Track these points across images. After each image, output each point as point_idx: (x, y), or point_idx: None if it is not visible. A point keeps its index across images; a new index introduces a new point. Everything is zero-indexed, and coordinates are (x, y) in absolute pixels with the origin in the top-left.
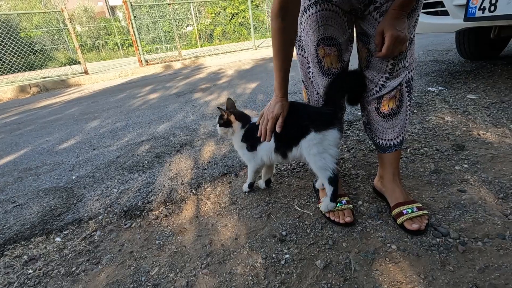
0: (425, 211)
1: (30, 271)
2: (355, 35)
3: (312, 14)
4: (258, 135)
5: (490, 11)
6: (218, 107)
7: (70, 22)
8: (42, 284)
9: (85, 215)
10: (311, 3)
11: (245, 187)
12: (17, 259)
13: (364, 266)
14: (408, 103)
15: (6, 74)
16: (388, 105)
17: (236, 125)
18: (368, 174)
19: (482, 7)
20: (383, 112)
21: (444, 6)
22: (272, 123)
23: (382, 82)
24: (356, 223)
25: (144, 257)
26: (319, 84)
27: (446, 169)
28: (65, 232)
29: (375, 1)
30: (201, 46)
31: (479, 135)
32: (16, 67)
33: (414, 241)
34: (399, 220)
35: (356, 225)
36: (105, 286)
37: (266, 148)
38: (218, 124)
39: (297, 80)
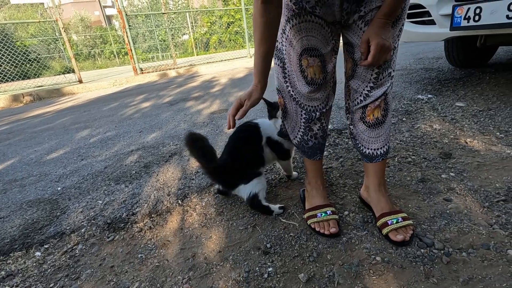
0: (410, 222)
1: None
2: (341, 45)
3: (295, 24)
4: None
5: (474, 20)
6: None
7: (64, 31)
8: None
9: (68, 228)
10: (294, 13)
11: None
12: None
13: (348, 279)
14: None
15: (0, 83)
16: (373, 114)
17: None
18: (356, 183)
19: (467, 16)
20: (368, 122)
21: (430, 16)
22: (234, 108)
23: (367, 92)
24: (341, 234)
25: (125, 272)
26: (301, 93)
27: (433, 177)
28: (46, 246)
29: (359, 10)
30: (197, 55)
31: (466, 143)
32: (10, 75)
33: (399, 252)
34: (384, 231)
35: (341, 236)
36: None
37: None
38: None
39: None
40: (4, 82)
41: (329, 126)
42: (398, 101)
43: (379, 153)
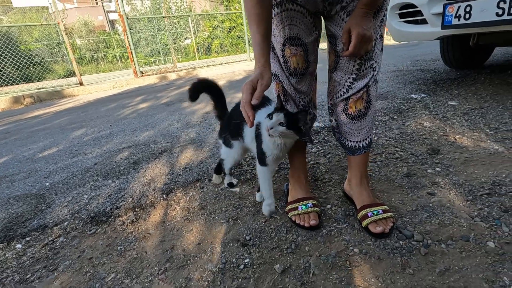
0: (390, 214)
1: None
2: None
3: (278, 14)
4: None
5: (465, 18)
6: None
7: (66, 34)
8: None
9: (51, 221)
10: (276, 3)
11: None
12: None
13: (324, 270)
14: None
15: (3, 86)
16: (356, 106)
17: None
18: (341, 179)
19: (457, 15)
20: (351, 114)
21: (423, 15)
22: (248, 93)
23: (349, 83)
24: (321, 226)
25: (102, 264)
26: (288, 84)
27: (418, 172)
28: (28, 239)
29: (341, 1)
30: (199, 59)
31: (455, 139)
32: (12, 78)
33: (377, 244)
34: (364, 223)
35: (321, 229)
36: None
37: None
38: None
39: None
40: (6, 86)
41: (320, 124)
42: (391, 100)
43: (361, 145)
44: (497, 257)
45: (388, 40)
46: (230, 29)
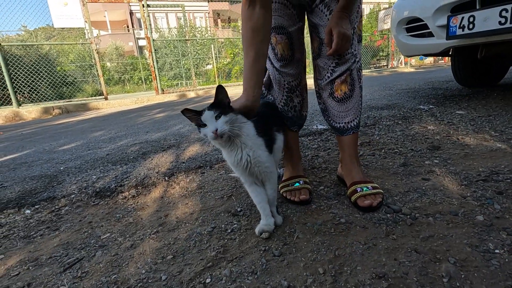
0: (379, 190)
1: None
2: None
3: None
4: None
5: (469, 28)
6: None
7: (97, 52)
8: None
9: (60, 194)
10: None
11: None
12: None
13: (308, 234)
14: (360, 85)
15: (39, 102)
16: (341, 90)
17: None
18: (337, 167)
19: (461, 25)
20: (337, 97)
21: (428, 28)
22: None
23: (332, 68)
24: (312, 203)
25: (100, 226)
26: (274, 67)
27: (415, 163)
28: (37, 207)
29: None
30: (219, 83)
31: (458, 139)
32: (47, 96)
33: (365, 217)
34: (353, 198)
35: (311, 204)
36: (55, 246)
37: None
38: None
39: None
40: (42, 102)
41: (324, 126)
42: (398, 109)
43: (349, 126)
44: (484, 228)
45: (404, 68)
46: None
